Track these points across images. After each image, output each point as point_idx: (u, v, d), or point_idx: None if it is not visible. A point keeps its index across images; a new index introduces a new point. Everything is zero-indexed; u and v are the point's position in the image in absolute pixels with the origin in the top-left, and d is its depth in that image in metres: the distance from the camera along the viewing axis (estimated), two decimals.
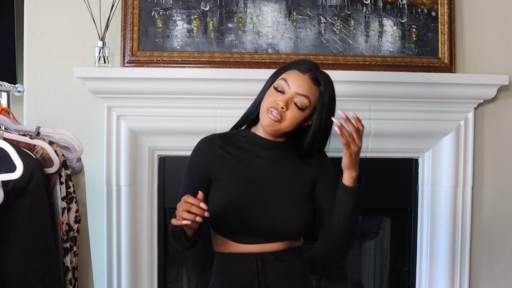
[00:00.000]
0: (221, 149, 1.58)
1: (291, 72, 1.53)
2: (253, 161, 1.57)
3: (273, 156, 1.58)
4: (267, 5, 2.20)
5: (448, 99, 2.24)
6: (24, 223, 1.26)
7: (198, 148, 1.61)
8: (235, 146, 1.59)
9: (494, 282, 2.38)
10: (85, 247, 1.59)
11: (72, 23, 2.16)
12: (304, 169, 1.60)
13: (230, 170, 1.56)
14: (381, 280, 2.52)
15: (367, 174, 2.33)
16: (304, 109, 1.51)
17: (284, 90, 1.51)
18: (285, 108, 1.49)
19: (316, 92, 1.51)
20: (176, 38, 2.16)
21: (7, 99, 1.79)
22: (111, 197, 2.16)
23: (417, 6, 2.26)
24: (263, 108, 1.52)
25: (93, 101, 2.17)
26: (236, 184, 1.54)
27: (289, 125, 1.52)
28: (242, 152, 1.58)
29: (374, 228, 2.54)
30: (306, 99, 1.50)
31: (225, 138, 1.61)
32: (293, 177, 1.58)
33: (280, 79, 1.53)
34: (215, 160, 1.57)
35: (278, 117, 1.49)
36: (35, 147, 1.41)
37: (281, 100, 1.49)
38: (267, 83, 1.59)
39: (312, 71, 1.52)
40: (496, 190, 2.37)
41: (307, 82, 1.50)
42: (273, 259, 1.53)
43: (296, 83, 1.50)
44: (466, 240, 2.31)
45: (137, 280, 2.19)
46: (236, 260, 1.55)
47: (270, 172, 1.56)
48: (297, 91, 1.50)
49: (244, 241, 1.54)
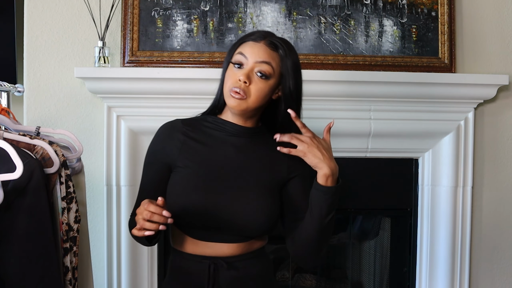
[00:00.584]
0: (183, 135, 1.45)
1: (245, 44, 1.42)
2: (219, 148, 1.45)
3: (241, 143, 1.45)
4: (267, 5, 2.20)
5: (448, 99, 2.24)
6: (24, 223, 1.26)
7: (158, 134, 1.49)
8: (199, 131, 1.46)
9: (494, 282, 2.38)
10: (85, 247, 1.59)
11: (72, 23, 2.16)
12: (274, 162, 1.46)
13: (190, 158, 1.43)
14: (381, 280, 2.52)
15: (367, 174, 2.36)
16: (269, 77, 1.39)
17: (242, 62, 1.39)
18: (248, 82, 1.37)
19: (276, 57, 1.40)
20: (176, 38, 2.16)
21: (7, 99, 1.79)
22: (111, 197, 2.16)
23: (417, 6, 2.26)
24: (226, 90, 1.40)
25: (93, 101, 2.17)
26: (196, 172, 1.42)
27: (256, 99, 1.39)
28: (206, 138, 1.46)
29: (374, 228, 2.54)
30: (267, 65, 1.38)
31: (188, 123, 1.48)
32: (261, 169, 1.45)
33: (236, 54, 1.41)
34: (176, 146, 1.44)
35: (242, 94, 1.37)
36: (35, 147, 1.41)
37: (241, 75, 1.37)
38: (224, 64, 1.47)
39: (267, 38, 1.41)
40: (496, 190, 2.37)
41: (263, 48, 1.39)
42: (226, 266, 1.41)
43: (252, 52, 1.39)
44: (466, 240, 2.31)
45: (137, 280, 2.18)
46: (190, 262, 1.43)
47: (237, 161, 1.44)
48: (255, 59, 1.38)
49: (201, 237, 1.42)
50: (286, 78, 1.41)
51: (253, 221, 1.40)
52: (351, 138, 2.24)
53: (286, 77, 1.41)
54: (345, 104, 2.21)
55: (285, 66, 1.41)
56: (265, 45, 1.40)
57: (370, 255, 2.58)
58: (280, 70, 1.41)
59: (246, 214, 1.39)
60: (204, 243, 1.42)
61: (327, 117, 2.16)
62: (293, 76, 1.42)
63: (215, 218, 1.39)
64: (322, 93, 2.16)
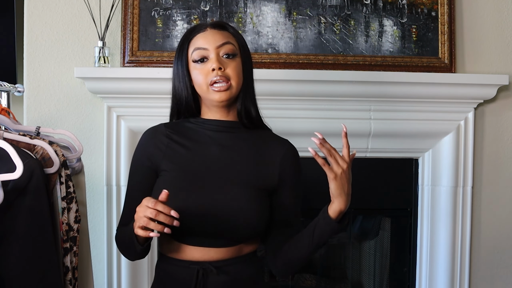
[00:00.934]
0: (167, 138, 1.40)
1: (194, 39, 1.38)
2: (202, 148, 1.39)
3: (226, 139, 1.40)
4: (267, 5, 2.20)
5: (448, 99, 2.24)
6: (24, 223, 1.26)
7: (141, 140, 1.44)
8: (182, 133, 1.41)
9: (494, 282, 2.38)
10: (85, 247, 1.59)
11: (72, 23, 2.16)
12: (264, 163, 1.40)
13: (174, 160, 1.37)
14: (381, 280, 2.52)
15: (367, 174, 2.36)
16: (236, 54, 1.37)
17: (204, 55, 1.35)
18: (223, 67, 1.33)
19: (230, 35, 1.38)
20: (176, 38, 2.16)
21: (7, 99, 1.79)
22: (111, 197, 2.16)
23: (417, 6, 2.26)
24: (203, 87, 1.35)
25: (93, 101, 2.17)
26: (180, 175, 1.36)
27: (237, 79, 1.36)
28: (189, 139, 1.40)
29: (374, 228, 2.54)
30: (229, 44, 1.36)
31: (171, 126, 1.43)
32: (249, 168, 1.38)
33: (193, 53, 1.36)
34: (160, 150, 1.39)
35: (224, 81, 1.33)
36: (35, 147, 1.41)
37: (211, 64, 1.33)
38: (178, 68, 1.40)
39: (209, 24, 1.39)
40: (496, 190, 2.37)
41: (215, 32, 1.37)
42: (215, 271, 1.33)
43: (207, 40, 1.35)
44: (466, 240, 2.31)
45: (137, 280, 2.18)
46: (177, 267, 1.36)
47: (223, 160, 1.37)
48: (215, 45, 1.35)
49: (189, 241, 1.35)
50: (246, 50, 1.41)
51: (242, 222, 1.32)
52: (351, 138, 2.19)
53: (246, 49, 1.41)
54: (345, 104, 2.21)
55: (240, 39, 1.40)
56: (214, 29, 1.38)
57: (370, 255, 2.58)
58: (238, 44, 1.39)
59: (234, 215, 1.31)
60: (192, 247, 1.35)
61: (327, 117, 2.18)
62: (246, 52, 1.41)
63: (202, 221, 1.31)
64: (322, 93, 2.16)
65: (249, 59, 1.42)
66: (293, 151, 1.45)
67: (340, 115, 2.20)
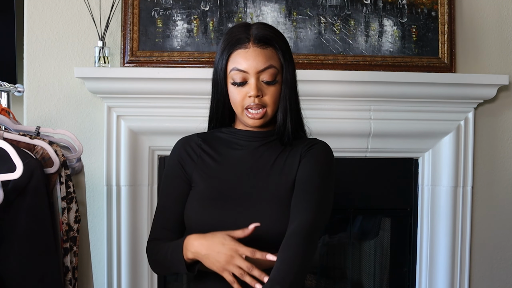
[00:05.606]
0: (199, 147, 1.40)
1: (235, 54, 1.31)
2: (231, 158, 1.37)
3: (254, 146, 1.38)
4: (267, 5, 2.20)
5: (448, 99, 2.24)
6: (24, 223, 1.26)
7: (175, 148, 1.44)
8: (214, 145, 1.41)
9: (494, 282, 2.38)
10: (85, 247, 1.59)
11: (72, 23, 2.16)
12: (288, 162, 1.36)
13: (203, 173, 1.37)
14: (381, 280, 2.52)
15: (367, 174, 2.36)
16: (276, 79, 1.31)
17: (243, 78, 1.31)
18: (261, 94, 1.30)
19: (272, 54, 1.31)
20: (176, 38, 2.16)
21: (7, 99, 1.79)
22: (111, 197, 2.16)
23: (417, 6, 2.26)
24: (238, 109, 1.34)
25: (93, 101, 2.17)
26: (209, 189, 1.35)
27: (274, 105, 1.33)
28: (219, 150, 1.39)
29: (374, 228, 2.54)
30: (271, 69, 1.30)
31: (203, 136, 1.44)
32: (280, 178, 1.34)
33: (231, 71, 1.32)
34: (193, 160, 1.39)
35: (260, 111, 1.31)
36: (35, 147, 1.41)
37: (250, 90, 1.29)
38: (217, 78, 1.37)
39: (251, 36, 1.30)
40: (496, 190, 2.37)
41: (257, 52, 1.30)
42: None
43: (249, 64, 1.29)
44: (466, 240, 2.31)
45: (137, 280, 2.18)
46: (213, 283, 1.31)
47: (252, 173, 1.35)
48: (256, 70, 1.29)
49: None
50: (285, 66, 1.34)
51: (275, 240, 1.26)
52: (351, 138, 2.24)
53: (285, 65, 1.34)
54: (345, 104, 2.21)
55: (282, 56, 1.33)
56: (256, 47, 1.30)
57: (370, 255, 2.58)
58: (280, 63, 1.33)
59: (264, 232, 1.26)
60: None
61: (327, 117, 2.18)
62: (290, 61, 1.35)
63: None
64: (322, 93, 2.16)
65: (291, 74, 1.35)
66: (315, 145, 1.39)
67: (340, 115, 2.20)
